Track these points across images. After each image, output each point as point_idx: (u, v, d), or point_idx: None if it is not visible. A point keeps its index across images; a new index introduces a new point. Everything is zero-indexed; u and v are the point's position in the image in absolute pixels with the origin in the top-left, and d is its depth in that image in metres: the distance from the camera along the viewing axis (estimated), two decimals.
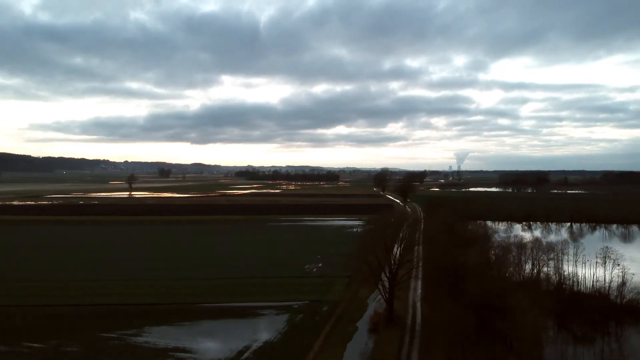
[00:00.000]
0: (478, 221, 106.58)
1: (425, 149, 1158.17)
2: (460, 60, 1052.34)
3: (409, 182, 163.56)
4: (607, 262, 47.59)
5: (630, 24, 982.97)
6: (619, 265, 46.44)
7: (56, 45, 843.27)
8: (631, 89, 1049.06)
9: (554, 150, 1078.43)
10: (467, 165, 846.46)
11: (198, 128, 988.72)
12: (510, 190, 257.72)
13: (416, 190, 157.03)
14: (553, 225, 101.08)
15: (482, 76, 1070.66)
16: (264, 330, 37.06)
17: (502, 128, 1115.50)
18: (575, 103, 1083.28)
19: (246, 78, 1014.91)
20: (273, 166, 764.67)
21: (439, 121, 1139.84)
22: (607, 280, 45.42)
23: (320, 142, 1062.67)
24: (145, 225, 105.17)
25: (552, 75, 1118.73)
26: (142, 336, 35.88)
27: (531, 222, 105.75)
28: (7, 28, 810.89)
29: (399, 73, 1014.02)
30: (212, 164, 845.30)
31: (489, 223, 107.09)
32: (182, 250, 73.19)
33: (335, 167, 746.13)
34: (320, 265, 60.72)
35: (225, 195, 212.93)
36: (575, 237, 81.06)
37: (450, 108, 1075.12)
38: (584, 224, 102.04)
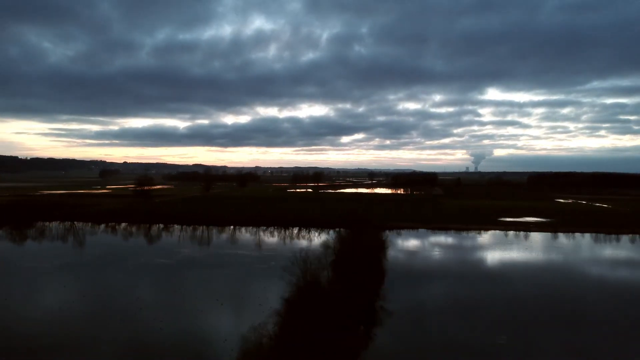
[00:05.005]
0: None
1: (443, 151, 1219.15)
2: (457, 86, 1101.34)
3: (145, 183, 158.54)
4: None
5: None
6: None
7: (132, 81, 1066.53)
8: None
9: (573, 152, 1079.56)
10: (488, 167, 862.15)
11: (230, 135, 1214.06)
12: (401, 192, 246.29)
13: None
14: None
15: (483, 97, 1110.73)
16: None
17: (516, 135, 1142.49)
18: (580, 113, 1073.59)
19: (273, 100, 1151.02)
20: (281, 167, 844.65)
21: (455, 128, 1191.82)
22: None
23: (340, 146, 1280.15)
24: None
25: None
26: None
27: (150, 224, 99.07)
28: (92, 74, 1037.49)
29: (408, 95, 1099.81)
30: (219, 164, 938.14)
31: None
32: None
33: (352, 168, 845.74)
34: None
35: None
36: None
37: (462, 120, 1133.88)
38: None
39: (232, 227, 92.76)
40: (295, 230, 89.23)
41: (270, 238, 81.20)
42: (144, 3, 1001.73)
